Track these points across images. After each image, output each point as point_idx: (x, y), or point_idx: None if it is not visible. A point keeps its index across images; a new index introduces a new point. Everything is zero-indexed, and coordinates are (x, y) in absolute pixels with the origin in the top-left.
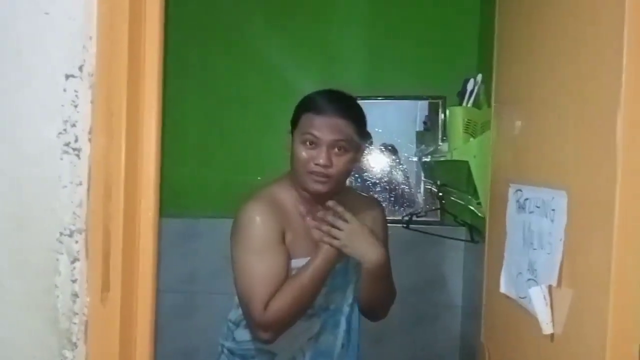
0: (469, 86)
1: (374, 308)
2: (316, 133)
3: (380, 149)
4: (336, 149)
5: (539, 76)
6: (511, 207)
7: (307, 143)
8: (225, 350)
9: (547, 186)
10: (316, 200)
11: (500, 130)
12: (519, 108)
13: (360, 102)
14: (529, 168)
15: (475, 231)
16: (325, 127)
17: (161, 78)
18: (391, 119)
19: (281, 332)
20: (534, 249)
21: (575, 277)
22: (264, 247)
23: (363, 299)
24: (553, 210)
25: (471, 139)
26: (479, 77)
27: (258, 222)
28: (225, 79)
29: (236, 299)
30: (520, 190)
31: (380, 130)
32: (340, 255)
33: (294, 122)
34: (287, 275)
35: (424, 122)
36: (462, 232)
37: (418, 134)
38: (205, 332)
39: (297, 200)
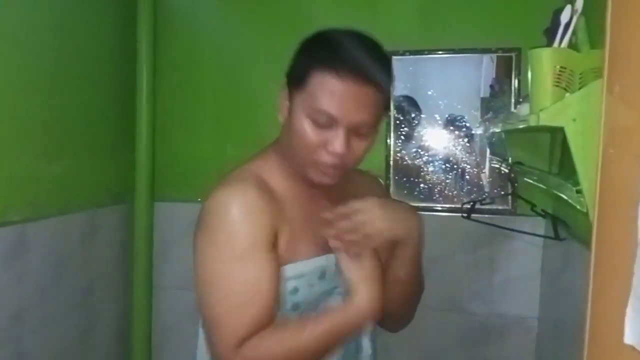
0: (563, 18)
1: (405, 307)
2: (335, 113)
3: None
4: (358, 132)
5: None
6: None
7: (320, 121)
8: None
9: None
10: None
11: (622, 77)
12: None
13: (407, 58)
14: None
15: (561, 224)
16: (348, 101)
17: None
18: (447, 81)
19: None
20: None
21: None
22: (244, 253)
23: (391, 298)
24: None
25: (567, 95)
26: (579, 2)
27: (236, 215)
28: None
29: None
30: None
31: (433, 94)
32: (379, 308)
33: (298, 78)
34: (275, 294)
35: (491, 86)
36: (541, 224)
37: (483, 100)
38: None
39: (290, 182)
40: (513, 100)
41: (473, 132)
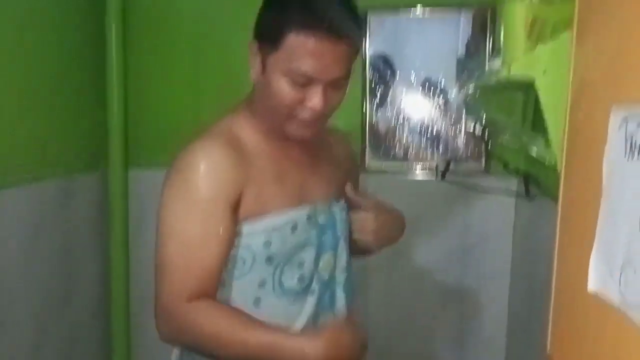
0: None
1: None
2: (313, 72)
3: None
4: (333, 86)
5: None
6: (614, 148)
7: (297, 81)
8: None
9: None
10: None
11: (591, 27)
12: None
13: (384, 17)
14: None
15: (533, 181)
16: (325, 60)
17: None
18: (425, 41)
19: (173, 340)
20: None
21: None
22: (202, 209)
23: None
24: None
25: (539, 47)
26: None
27: (200, 172)
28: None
29: None
30: (636, 117)
31: (410, 54)
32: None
33: (271, 38)
34: (226, 253)
35: (466, 46)
36: (513, 183)
37: (459, 61)
38: None
39: (262, 137)
40: (487, 58)
41: (449, 93)
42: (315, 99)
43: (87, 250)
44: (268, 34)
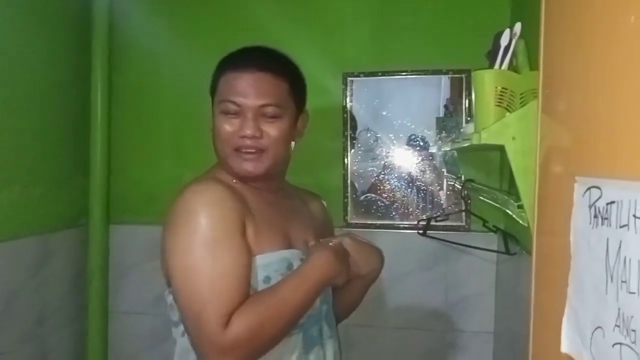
0: (503, 41)
1: (345, 313)
2: (237, 99)
3: (390, 137)
4: (266, 117)
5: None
6: (579, 215)
7: (229, 113)
8: None
9: None
10: (261, 187)
11: (555, 98)
12: (591, 59)
13: (364, 79)
14: (616, 151)
15: (511, 239)
16: (248, 88)
17: None
18: (405, 101)
19: (248, 359)
20: (631, 292)
21: None
22: (221, 239)
23: (346, 308)
24: None
25: (507, 114)
26: (517, 26)
27: (207, 206)
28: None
29: (176, 329)
30: (598, 188)
31: (389, 114)
32: (340, 264)
33: (212, 89)
34: (249, 278)
35: (445, 107)
36: (494, 239)
37: (439, 120)
38: None
39: (245, 187)
40: (464, 119)
41: (429, 151)
42: (244, 126)
43: (65, 310)
44: (211, 88)
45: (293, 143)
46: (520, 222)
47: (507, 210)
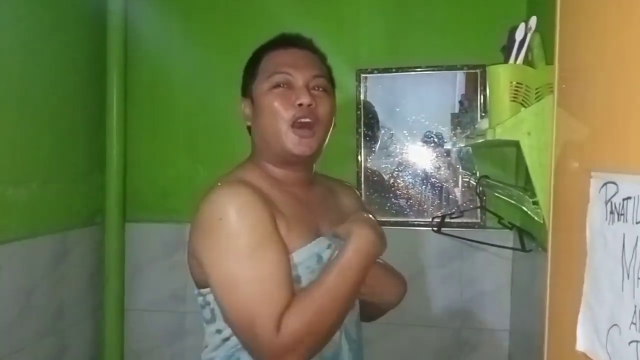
0: (518, 35)
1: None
2: (289, 69)
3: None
4: (317, 90)
5: None
6: (595, 211)
7: (279, 86)
8: None
9: None
10: (292, 181)
11: (571, 92)
12: (607, 52)
13: (378, 75)
14: (633, 146)
15: (527, 236)
16: (299, 60)
17: None
18: (421, 97)
19: (307, 357)
20: None
21: None
22: (258, 242)
23: (376, 295)
24: None
25: (522, 109)
26: (533, 20)
27: (240, 210)
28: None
29: (208, 337)
30: (614, 184)
31: (402, 111)
32: (382, 244)
33: (251, 72)
34: (291, 274)
35: (460, 102)
36: (509, 236)
37: (453, 116)
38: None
39: (270, 185)
40: (479, 115)
41: (444, 147)
42: (300, 95)
43: (82, 306)
44: (249, 72)
45: (330, 131)
46: (536, 218)
47: (523, 207)
